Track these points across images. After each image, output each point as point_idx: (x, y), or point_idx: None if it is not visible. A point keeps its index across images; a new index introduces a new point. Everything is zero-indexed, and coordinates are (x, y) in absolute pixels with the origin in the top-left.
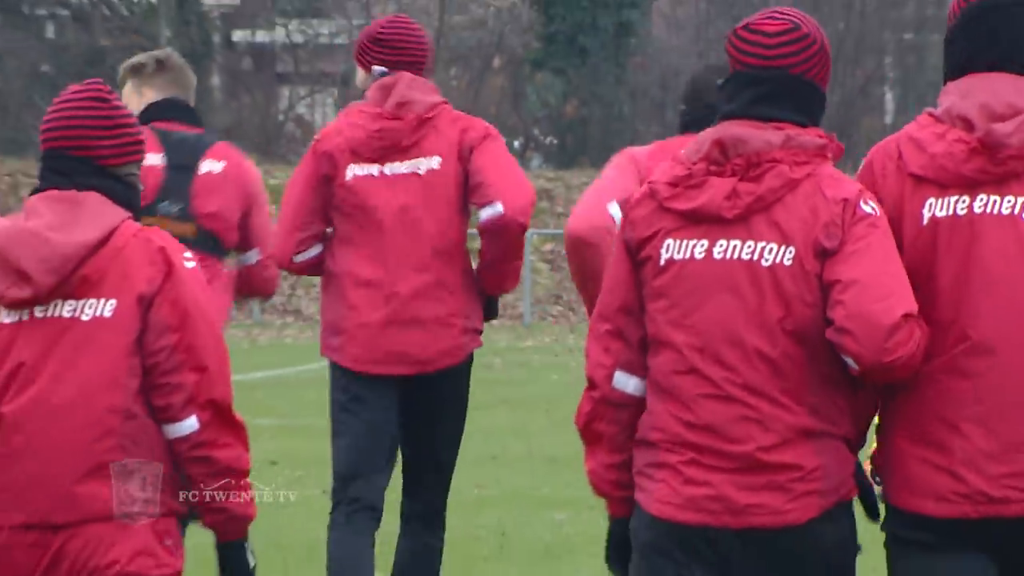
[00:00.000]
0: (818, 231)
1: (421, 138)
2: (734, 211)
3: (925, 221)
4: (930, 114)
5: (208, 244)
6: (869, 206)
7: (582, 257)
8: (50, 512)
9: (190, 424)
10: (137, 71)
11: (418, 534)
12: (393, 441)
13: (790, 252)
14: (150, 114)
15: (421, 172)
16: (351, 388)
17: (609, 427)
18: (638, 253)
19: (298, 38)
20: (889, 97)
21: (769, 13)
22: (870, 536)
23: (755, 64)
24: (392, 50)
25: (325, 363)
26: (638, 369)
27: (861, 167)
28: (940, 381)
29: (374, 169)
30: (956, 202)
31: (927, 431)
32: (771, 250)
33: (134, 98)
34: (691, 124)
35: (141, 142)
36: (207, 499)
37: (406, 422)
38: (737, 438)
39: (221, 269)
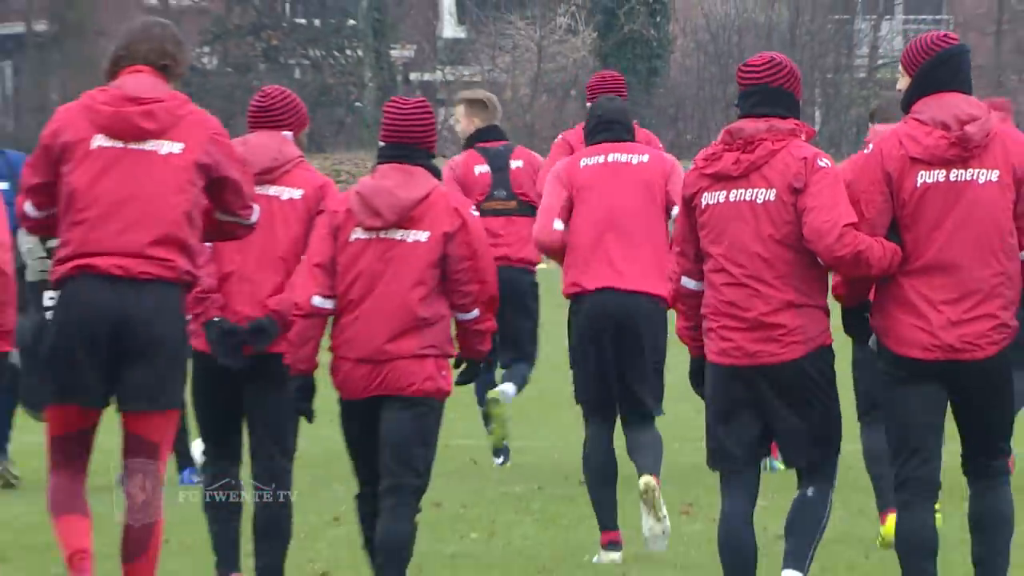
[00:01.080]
0: (790, 178)
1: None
2: (738, 171)
3: (918, 185)
4: (916, 119)
5: (524, 210)
6: (823, 162)
7: (551, 254)
8: (375, 353)
9: (474, 313)
10: (472, 104)
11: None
12: None
13: (773, 193)
14: (478, 136)
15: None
16: None
17: (682, 306)
18: (690, 203)
19: (450, 77)
20: (817, 115)
21: (758, 54)
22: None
23: (749, 83)
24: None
25: None
26: (695, 275)
27: (871, 150)
28: (922, 277)
29: None
30: (938, 174)
31: (916, 307)
32: (762, 193)
33: (464, 120)
34: (593, 127)
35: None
36: (476, 345)
37: None
38: (747, 308)
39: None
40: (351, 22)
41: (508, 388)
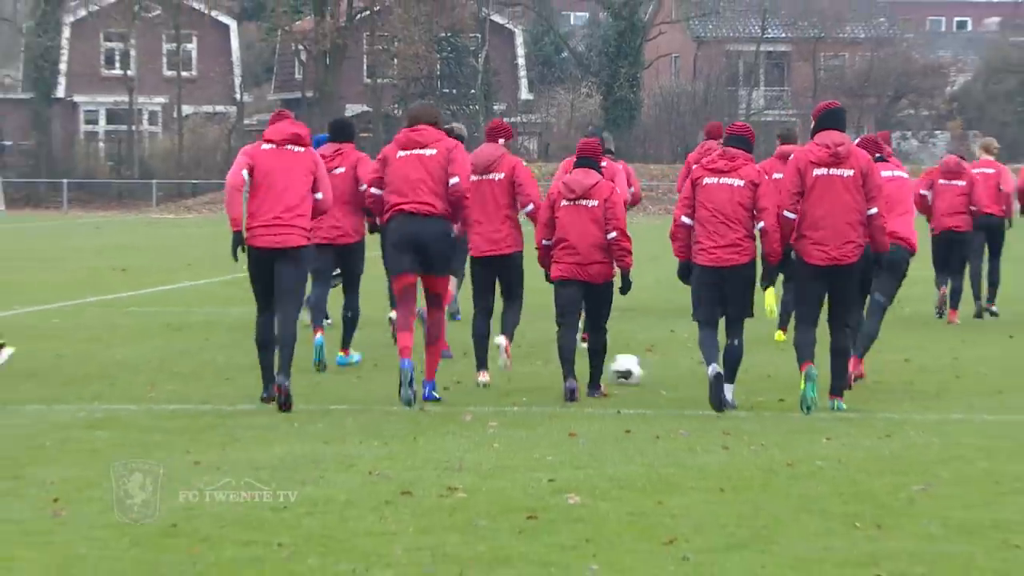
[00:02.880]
0: (752, 177)
1: None
2: (724, 168)
3: (814, 175)
4: (814, 143)
5: None
6: (766, 175)
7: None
8: (584, 265)
9: (612, 235)
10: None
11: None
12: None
13: (741, 182)
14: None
15: None
16: None
17: (678, 232)
18: (695, 183)
19: (524, 121)
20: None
21: (733, 123)
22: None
23: (729, 134)
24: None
25: None
26: (691, 217)
27: (792, 158)
28: (815, 224)
29: None
30: (823, 170)
31: (814, 237)
32: (738, 183)
33: None
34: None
35: None
36: (625, 263)
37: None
38: (723, 235)
39: None
40: (472, 91)
41: None
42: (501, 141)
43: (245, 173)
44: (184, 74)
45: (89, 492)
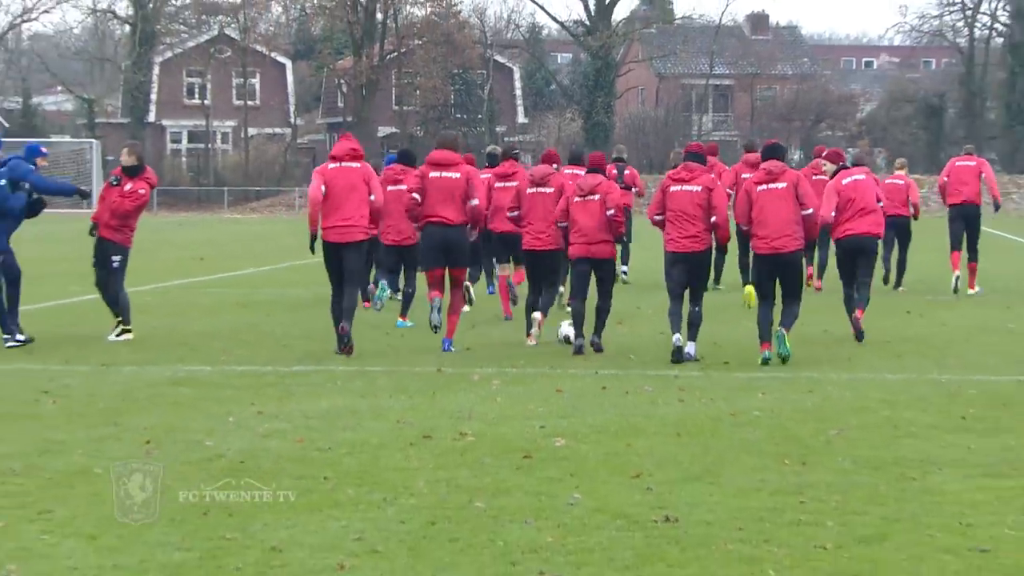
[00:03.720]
0: (707, 183)
1: None
2: (686, 178)
3: (757, 191)
4: (762, 168)
5: None
6: (718, 183)
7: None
8: (591, 244)
9: (610, 212)
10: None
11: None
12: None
13: (699, 187)
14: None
15: None
16: None
17: (658, 225)
18: (666, 190)
19: (520, 139)
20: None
21: (688, 144)
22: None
23: (687, 152)
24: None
25: None
26: (663, 215)
27: (746, 179)
28: (760, 223)
29: None
30: (763, 185)
31: (760, 234)
32: (695, 188)
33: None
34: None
35: None
36: (618, 231)
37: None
38: (686, 229)
39: None
40: (479, 116)
41: None
42: (554, 166)
43: (323, 188)
44: (249, 103)
45: (173, 436)
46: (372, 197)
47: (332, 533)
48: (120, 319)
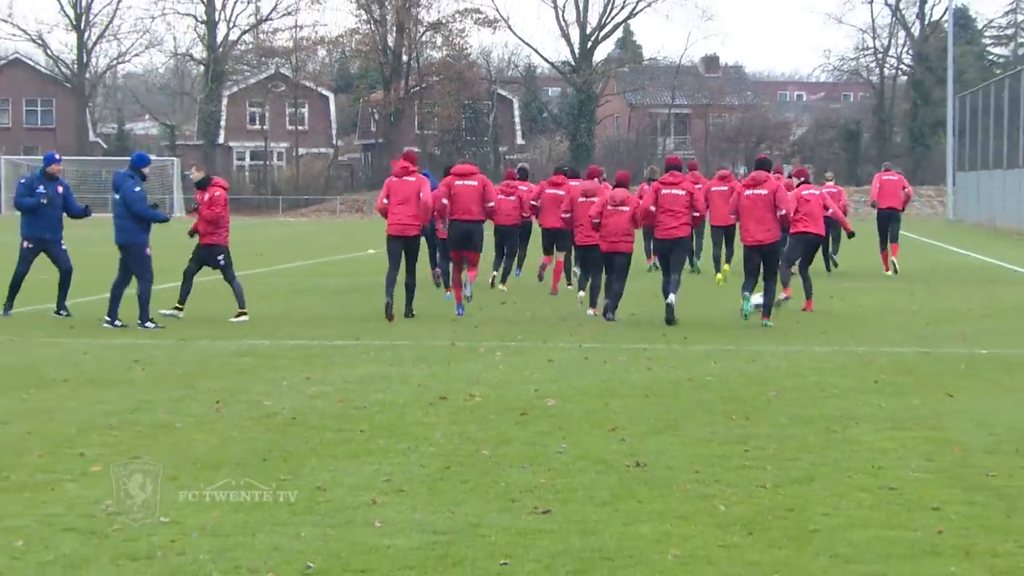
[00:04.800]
0: (690, 189)
1: None
2: (674, 183)
3: (746, 195)
4: (750, 177)
5: None
6: (696, 187)
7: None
8: (615, 245)
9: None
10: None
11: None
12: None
13: (683, 191)
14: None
15: None
16: None
17: (647, 215)
18: (656, 193)
19: (518, 157)
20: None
21: (668, 157)
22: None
23: (669, 164)
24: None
25: None
26: (655, 206)
27: (738, 187)
28: (745, 219)
29: None
30: (751, 191)
31: (747, 229)
32: (682, 192)
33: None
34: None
35: None
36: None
37: None
38: (674, 219)
39: None
40: (485, 138)
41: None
42: (595, 179)
43: (386, 200)
44: (300, 128)
45: (238, 397)
46: (422, 195)
47: (366, 475)
48: (242, 306)
